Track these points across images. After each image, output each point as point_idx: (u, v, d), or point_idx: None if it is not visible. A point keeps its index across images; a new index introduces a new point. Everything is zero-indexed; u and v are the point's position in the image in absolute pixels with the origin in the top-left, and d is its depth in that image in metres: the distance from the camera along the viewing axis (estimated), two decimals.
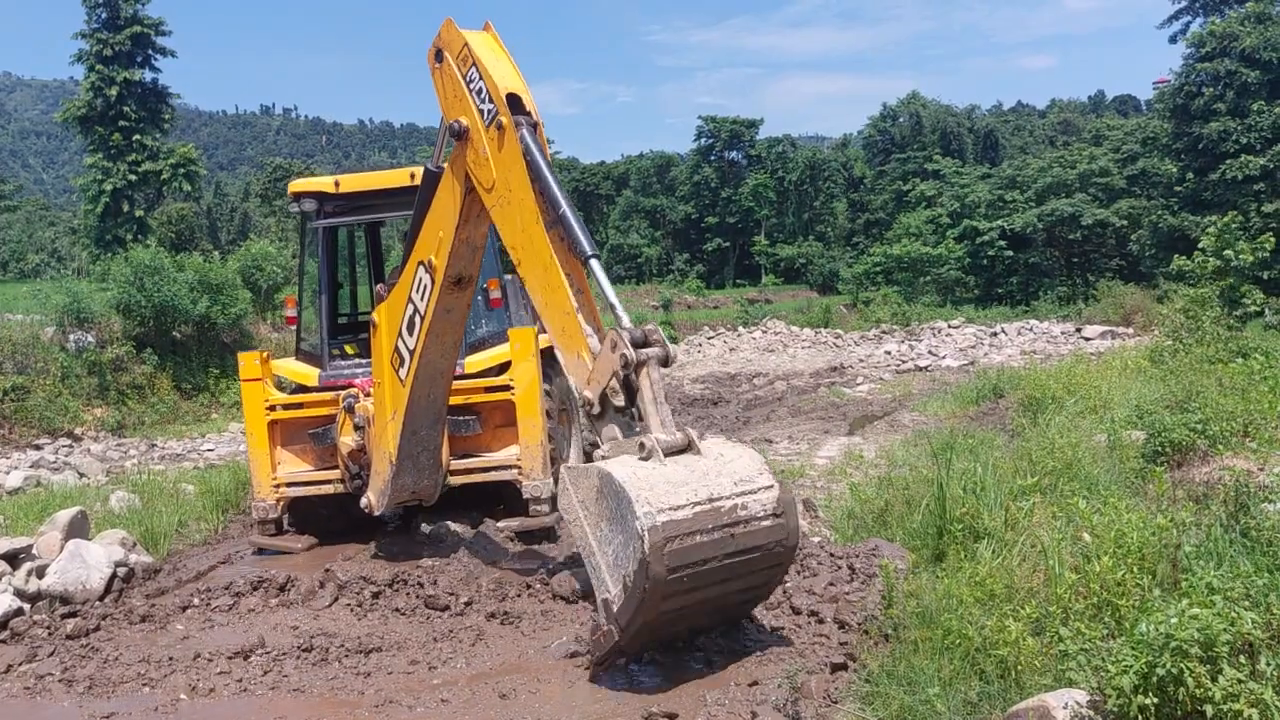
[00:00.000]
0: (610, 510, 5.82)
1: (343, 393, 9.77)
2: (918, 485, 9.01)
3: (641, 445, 6.05)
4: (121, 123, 44.82)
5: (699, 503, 5.80)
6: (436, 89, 7.74)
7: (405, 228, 9.06)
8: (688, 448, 6.15)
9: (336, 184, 10.55)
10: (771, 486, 6.15)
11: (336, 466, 9.95)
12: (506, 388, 9.78)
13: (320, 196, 10.55)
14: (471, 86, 7.30)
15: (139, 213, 44.97)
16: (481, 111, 7.23)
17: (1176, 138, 45.52)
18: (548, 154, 7.13)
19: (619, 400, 6.43)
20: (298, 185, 10.86)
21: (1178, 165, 45.23)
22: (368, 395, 9.43)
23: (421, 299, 8.16)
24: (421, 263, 8.10)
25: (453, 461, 9.79)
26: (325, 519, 10.65)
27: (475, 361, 10.14)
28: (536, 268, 7.03)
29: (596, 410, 6.52)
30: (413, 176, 10.04)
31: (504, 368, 9.98)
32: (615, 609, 5.81)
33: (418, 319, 8.21)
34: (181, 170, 46.48)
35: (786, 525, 6.14)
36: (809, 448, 14.34)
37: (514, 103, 7.12)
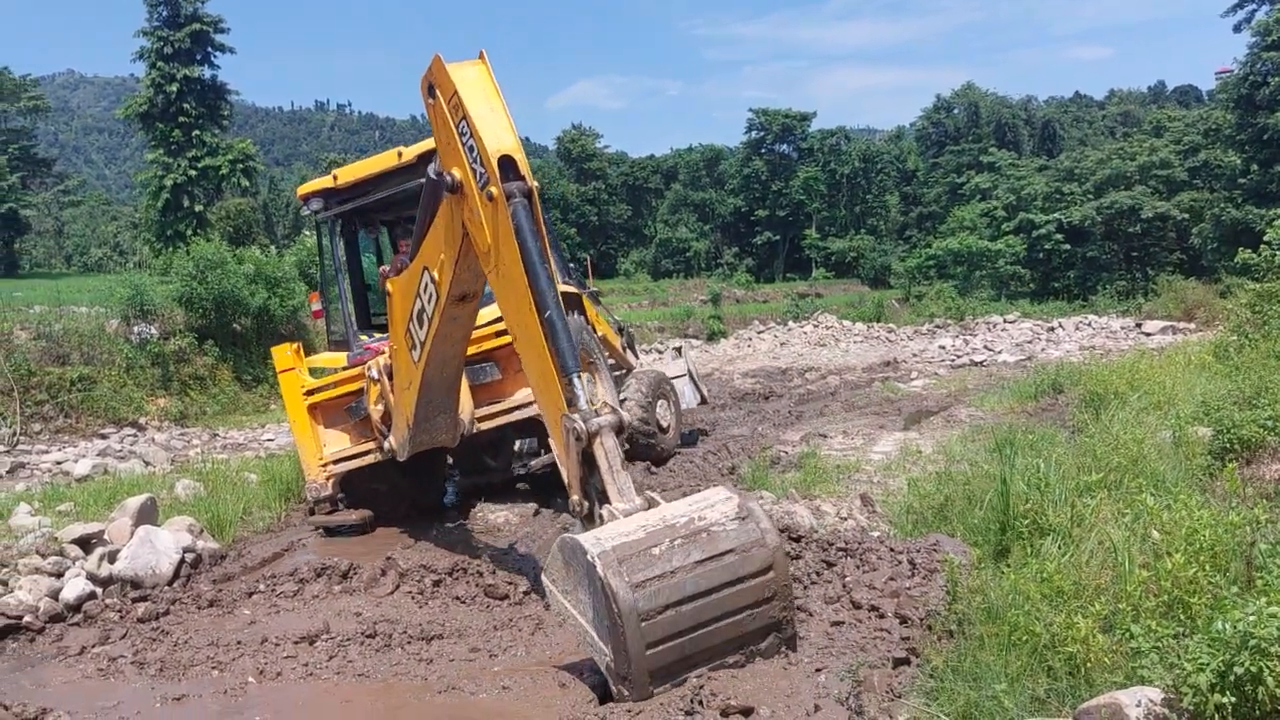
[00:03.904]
0: (577, 572, 5.70)
1: (366, 365, 10.19)
2: (978, 481, 8.90)
3: (601, 519, 6.03)
4: (181, 119, 45.82)
5: (649, 524, 5.69)
6: (431, 124, 7.27)
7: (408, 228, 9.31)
8: (648, 508, 6.02)
9: (335, 178, 11.03)
10: (730, 498, 5.96)
11: (374, 436, 10.35)
12: None
13: (325, 194, 11.05)
14: (464, 141, 6.79)
15: (199, 208, 45.89)
16: (474, 172, 6.75)
17: (1240, 129, 44.54)
18: (542, 227, 6.67)
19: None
20: (303, 189, 11.40)
21: (1242, 157, 44.25)
22: (381, 353, 9.85)
23: (429, 302, 8.00)
24: (426, 268, 7.87)
25: (477, 410, 10.12)
26: (375, 491, 11.03)
27: (485, 314, 10.36)
28: (532, 357, 6.74)
29: (585, 511, 6.40)
30: (400, 155, 10.45)
31: None
32: (614, 666, 5.58)
33: (425, 317, 8.17)
34: (240, 166, 47.38)
35: (757, 525, 5.84)
36: (864, 442, 14.22)
37: (507, 166, 6.63)
